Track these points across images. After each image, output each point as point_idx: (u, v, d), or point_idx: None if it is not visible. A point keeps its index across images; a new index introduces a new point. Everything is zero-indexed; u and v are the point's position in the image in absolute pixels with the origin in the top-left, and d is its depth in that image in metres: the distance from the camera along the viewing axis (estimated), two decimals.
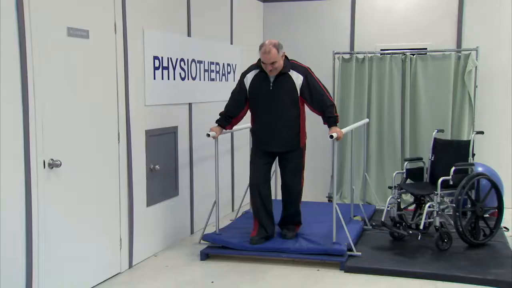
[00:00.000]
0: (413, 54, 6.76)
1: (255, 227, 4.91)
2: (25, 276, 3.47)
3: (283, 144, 4.77)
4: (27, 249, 3.47)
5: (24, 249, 3.45)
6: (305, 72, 4.68)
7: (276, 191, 5.94)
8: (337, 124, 4.74)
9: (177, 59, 5.25)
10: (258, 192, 4.84)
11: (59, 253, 3.75)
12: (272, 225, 4.95)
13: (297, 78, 4.63)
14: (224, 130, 4.98)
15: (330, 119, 4.69)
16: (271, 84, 4.67)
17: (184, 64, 5.39)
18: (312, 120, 7.04)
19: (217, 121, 4.94)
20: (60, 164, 3.68)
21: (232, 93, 4.95)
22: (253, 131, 5.01)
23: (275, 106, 4.68)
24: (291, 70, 4.64)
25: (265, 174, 4.89)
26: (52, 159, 3.64)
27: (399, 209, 5.26)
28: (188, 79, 5.46)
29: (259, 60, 4.68)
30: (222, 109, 5.00)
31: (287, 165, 4.87)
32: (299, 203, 5.01)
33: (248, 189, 5.01)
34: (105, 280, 4.29)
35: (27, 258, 3.47)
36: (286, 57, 4.69)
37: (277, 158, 5.01)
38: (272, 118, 4.72)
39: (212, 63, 5.94)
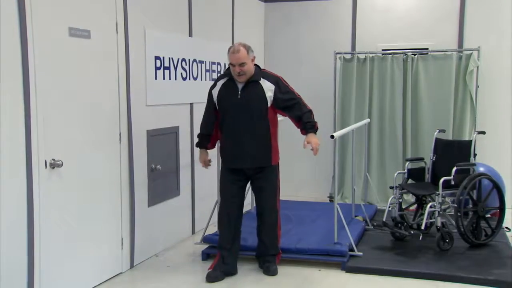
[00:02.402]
0: (415, 54, 6.76)
1: (215, 261, 4.48)
2: (27, 276, 3.47)
3: (253, 160, 4.32)
4: (28, 249, 3.47)
5: (25, 249, 3.46)
6: (277, 80, 4.35)
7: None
8: (316, 132, 4.33)
9: (178, 59, 5.25)
10: (228, 224, 4.42)
11: (60, 253, 3.75)
12: (235, 261, 4.49)
13: (268, 87, 4.28)
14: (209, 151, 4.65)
15: (307, 125, 4.30)
16: (239, 92, 4.29)
17: (186, 64, 5.39)
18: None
19: (197, 145, 4.62)
20: (62, 164, 3.68)
21: (204, 110, 4.57)
22: (221, 149, 4.54)
23: (243, 116, 4.27)
24: (261, 79, 4.30)
25: (238, 203, 4.45)
26: (53, 159, 3.64)
27: (400, 209, 5.25)
28: (189, 79, 5.46)
29: (228, 68, 4.38)
30: None
31: (260, 186, 4.42)
32: (276, 229, 4.52)
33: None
34: (106, 280, 4.29)
35: (28, 258, 3.47)
36: (258, 66, 4.40)
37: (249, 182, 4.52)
38: (240, 129, 4.29)
39: (213, 63, 5.94)
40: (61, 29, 3.73)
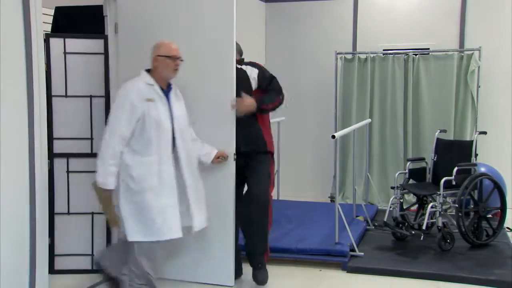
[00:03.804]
0: (416, 54, 6.76)
1: None
2: (28, 275, 3.47)
3: (246, 142, 4.12)
4: (30, 248, 3.47)
5: (27, 249, 3.46)
6: (259, 66, 4.32)
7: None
8: (261, 110, 4.13)
9: None
10: None
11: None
12: (238, 263, 4.34)
13: (252, 71, 4.23)
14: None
15: (265, 98, 4.14)
16: None
17: None
18: (314, 120, 7.01)
19: None
20: None
21: None
22: None
23: None
24: (243, 65, 4.26)
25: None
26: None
27: (401, 209, 5.25)
28: None
29: None
30: None
31: (252, 170, 4.17)
32: (266, 222, 4.11)
33: None
34: None
35: (30, 257, 3.47)
36: (241, 58, 4.35)
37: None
38: None
39: None
40: None
